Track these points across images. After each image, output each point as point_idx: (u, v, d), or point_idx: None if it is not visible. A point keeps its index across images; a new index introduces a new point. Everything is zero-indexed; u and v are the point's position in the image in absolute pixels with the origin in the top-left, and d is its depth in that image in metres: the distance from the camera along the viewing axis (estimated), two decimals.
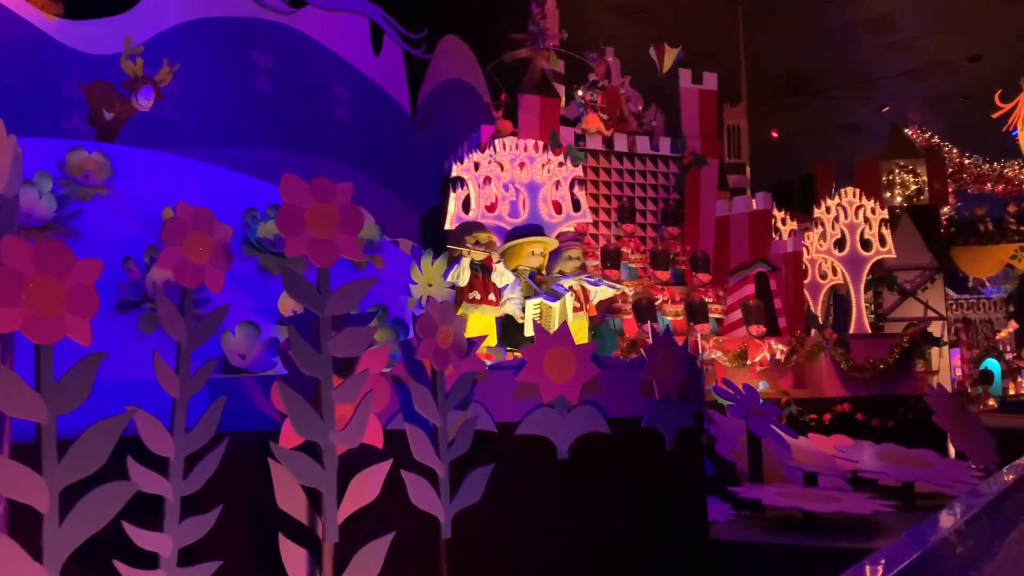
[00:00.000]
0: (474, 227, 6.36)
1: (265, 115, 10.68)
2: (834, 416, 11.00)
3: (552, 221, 8.41)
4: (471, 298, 6.23)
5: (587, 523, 5.40)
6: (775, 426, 8.21)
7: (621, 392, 5.64)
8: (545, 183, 8.43)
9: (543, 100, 12.55)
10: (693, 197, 13.28)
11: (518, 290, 6.43)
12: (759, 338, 11.33)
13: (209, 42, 10.16)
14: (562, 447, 5.31)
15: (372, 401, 4.45)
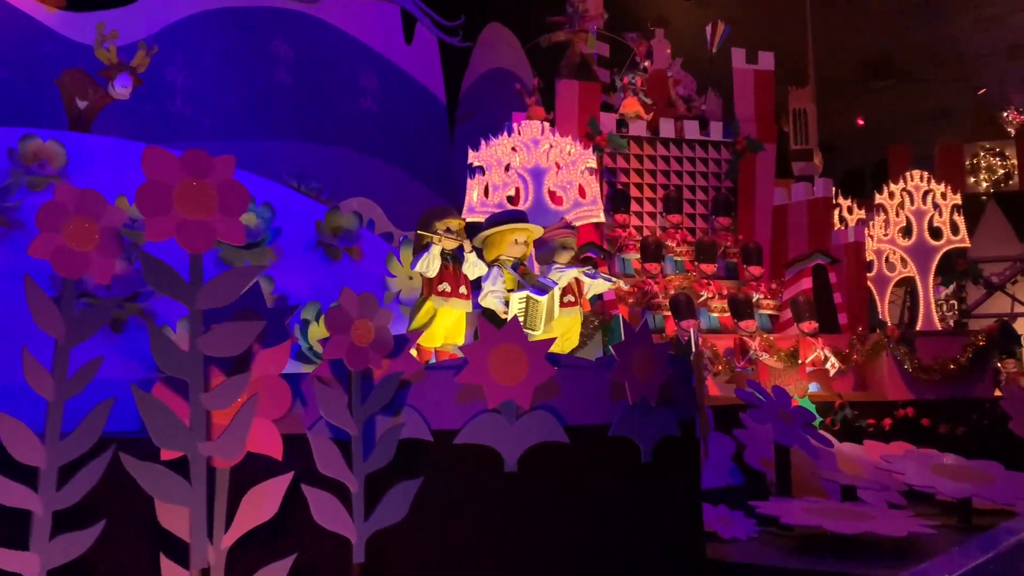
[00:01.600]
0: (445, 212, 5.75)
1: (287, 107, 10.28)
2: (895, 421, 9.97)
3: (558, 210, 7.74)
4: (440, 291, 5.61)
5: (539, 547, 4.72)
6: (807, 433, 7.34)
7: (584, 396, 4.94)
8: (551, 169, 7.77)
9: (582, 85, 11.82)
10: (747, 185, 12.34)
11: (500, 282, 5.77)
12: (811, 336, 10.36)
13: (224, 33, 9.81)
14: (510, 458, 4.65)
15: (256, 407, 3.88)
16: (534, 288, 5.68)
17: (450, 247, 5.68)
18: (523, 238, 5.95)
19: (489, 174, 7.69)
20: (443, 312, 5.54)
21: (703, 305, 10.91)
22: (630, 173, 11.89)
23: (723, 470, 8.07)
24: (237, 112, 9.77)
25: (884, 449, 8.98)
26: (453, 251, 5.69)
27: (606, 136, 11.46)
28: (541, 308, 5.65)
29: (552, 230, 6.24)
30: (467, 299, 5.74)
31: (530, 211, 7.46)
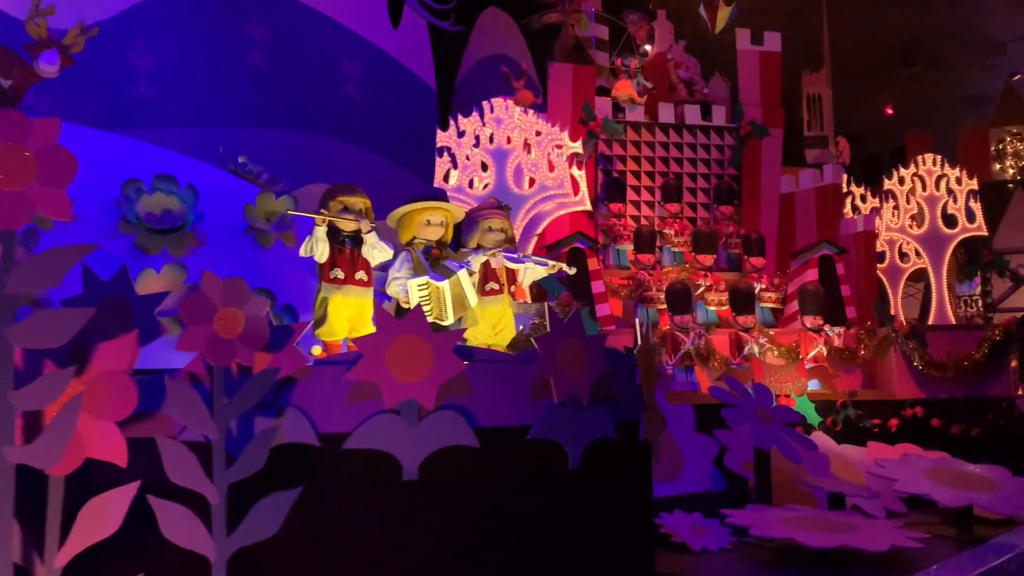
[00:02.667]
0: (344, 189, 5.18)
1: (262, 93, 9.75)
2: (903, 422, 9.21)
3: (521, 194, 7.16)
4: (332, 277, 5.04)
5: (442, 569, 4.12)
6: (789, 435, 6.66)
7: (501, 394, 4.33)
8: (515, 151, 7.18)
9: (576, 68, 11.19)
10: (752, 172, 11.63)
11: (407, 268, 5.19)
12: (814, 330, 9.63)
13: (193, 16, 9.30)
14: (409, 465, 4.05)
15: (80, 406, 3.33)
16: (436, 273, 5.08)
17: (349, 228, 5.11)
18: (439, 219, 5.36)
19: (457, 155, 7.14)
20: (336, 301, 4.97)
21: (700, 298, 10.23)
22: (627, 160, 11.22)
23: (703, 474, 7.42)
24: (206, 97, 9.26)
25: (889, 452, 8.26)
26: (352, 233, 5.12)
27: (601, 122, 10.79)
28: (443, 295, 5.05)
29: (478, 210, 5.65)
30: (367, 286, 5.15)
31: (493, 195, 6.90)
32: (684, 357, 9.24)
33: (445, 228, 5.44)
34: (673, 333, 9.32)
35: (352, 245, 5.14)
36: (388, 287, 5.26)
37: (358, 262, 5.13)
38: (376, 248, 5.15)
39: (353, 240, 5.15)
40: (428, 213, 5.35)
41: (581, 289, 9.67)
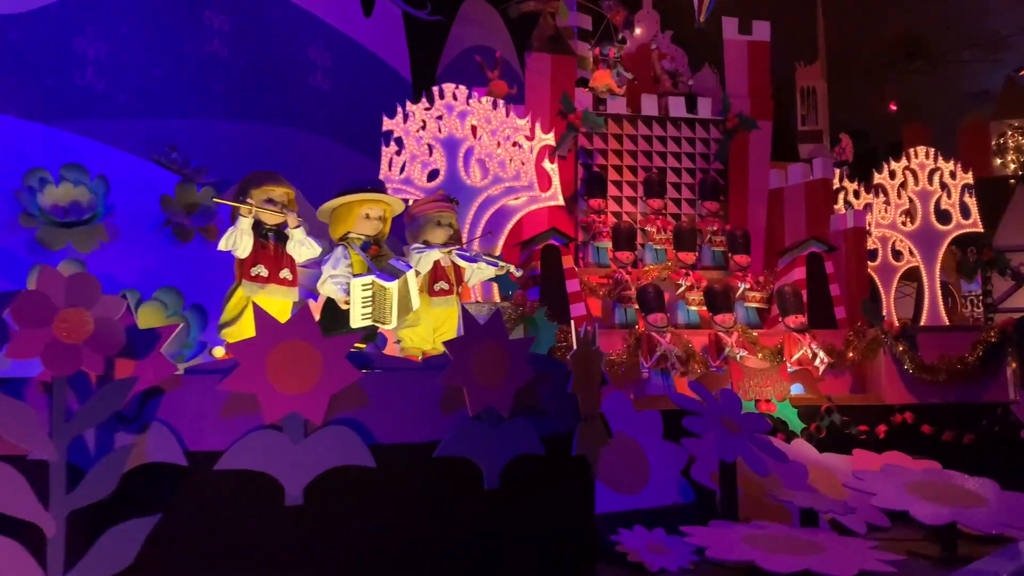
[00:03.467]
0: (267, 178, 4.65)
1: (222, 83, 9.25)
2: (892, 428, 8.61)
3: (473, 185, 6.61)
4: (254, 275, 4.50)
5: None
6: (757, 444, 6.09)
7: (406, 407, 3.78)
8: (467, 139, 6.63)
9: (554, 58, 10.62)
10: (739, 167, 11.02)
11: (344, 265, 4.65)
12: (798, 331, 9.04)
13: (147, 2, 8.81)
14: (293, 488, 3.52)
15: None
16: (382, 272, 4.54)
17: (273, 222, 4.57)
18: (377, 212, 4.81)
19: (405, 142, 6.60)
20: (259, 302, 4.42)
21: (680, 297, 9.66)
22: (608, 154, 10.64)
23: (670, 485, 6.84)
24: (161, 88, 8.77)
25: (875, 460, 7.68)
26: (276, 227, 4.58)
27: (581, 114, 10.20)
28: (390, 296, 4.50)
29: (423, 203, 5.10)
30: (291, 286, 4.62)
31: (443, 186, 6.36)
32: (660, 359, 8.67)
33: (384, 223, 4.90)
34: (648, 334, 8.76)
35: (276, 240, 4.61)
36: (321, 286, 4.71)
37: (283, 259, 4.59)
38: (304, 244, 4.61)
39: (277, 235, 4.62)
40: (367, 206, 4.81)
41: (555, 288, 9.15)
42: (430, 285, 4.89)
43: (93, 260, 5.20)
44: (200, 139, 8.84)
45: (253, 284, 4.47)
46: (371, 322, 4.41)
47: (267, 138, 9.49)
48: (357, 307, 4.40)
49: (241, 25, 9.37)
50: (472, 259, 4.93)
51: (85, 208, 5.26)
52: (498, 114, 6.76)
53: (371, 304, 4.46)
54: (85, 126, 7.96)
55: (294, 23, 9.97)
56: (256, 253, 4.49)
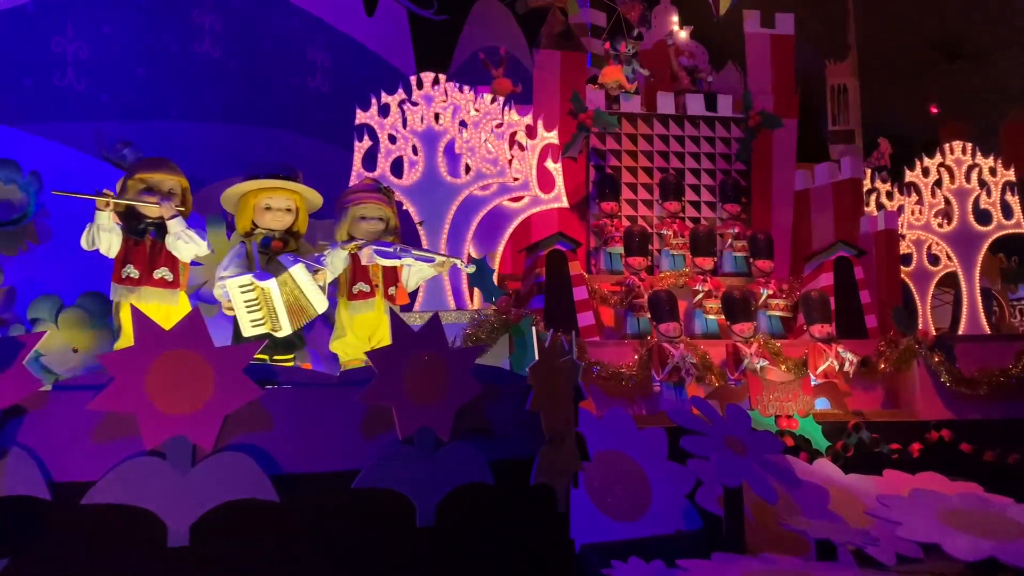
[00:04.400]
0: (151, 164, 4.10)
1: (212, 84, 8.78)
2: (927, 446, 7.81)
3: (454, 182, 6.00)
4: (125, 276, 3.94)
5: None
6: (767, 467, 5.38)
7: (318, 429, 3.17)
8: (447, 132, 6.03)
9: (564, 55, 10.02)
10: (762, 167, 10.30)
11: (236, 264, 4.08)
12: (823, 341, 8.28)
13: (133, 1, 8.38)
14: (177, 526, 2.92)
15: None
16: (260, 272, 3.93)
17: (152, 214, 4.00)
18: (283, 203, 4.23)
19: (380, 136, 6.04)
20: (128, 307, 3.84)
21: (698, 306, 8.95)
22: (622, 155, 9.98)
23: (675, 511, 6.14)
24: (146, 88, 8.32)
25: (908, 482, 6.90)
26: (156, 220, 4.02)
27: (592, 113, 9.57)
28: (270, 298, 3.90)
29: (348, 193, 4.50)
30: (171, 287, 4.03)
31: (421, 183, 5.77)
32: (673, 372, 7.97)
33: (294, 215, 4.30)
34: (660, 345, 8.06)
35: (156, 236, 4.04)
36: (215, 288, 4.14)
37: (159, 257, 4.02)
38: (182, 239, 4.03)
39: (158, 229, 4.05)
40: (267, 195, 4.23)
41: (561, 296, 8.52)
42: (348, 287, 4.30)
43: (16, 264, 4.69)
44: (188, 141, 8.38)
45: (122, 287, 3.90)
46: (266, 329, 3.82)
47: (258, 140, 9.00)
48: (242, 312, 3.82)
49: (233, 24, 8.90)
50: (394, 255, 4.30)
51: (15, 207, 4.75)
52: (482, 105, 6.15)
53: (258, 308, 3.86)
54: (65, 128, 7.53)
55: (291, 22, 9.48)
56: (127, 251, 3.92)
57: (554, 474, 3.77)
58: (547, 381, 3.79)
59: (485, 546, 3.44)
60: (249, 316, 3.84)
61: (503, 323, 5.63)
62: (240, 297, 3.86)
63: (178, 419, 2.91)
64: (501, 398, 3.58)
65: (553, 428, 3.79)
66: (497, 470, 3.48)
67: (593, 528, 5.78)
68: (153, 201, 3.99)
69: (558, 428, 3.83)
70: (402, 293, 4.43)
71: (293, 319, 3.96)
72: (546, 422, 3.75)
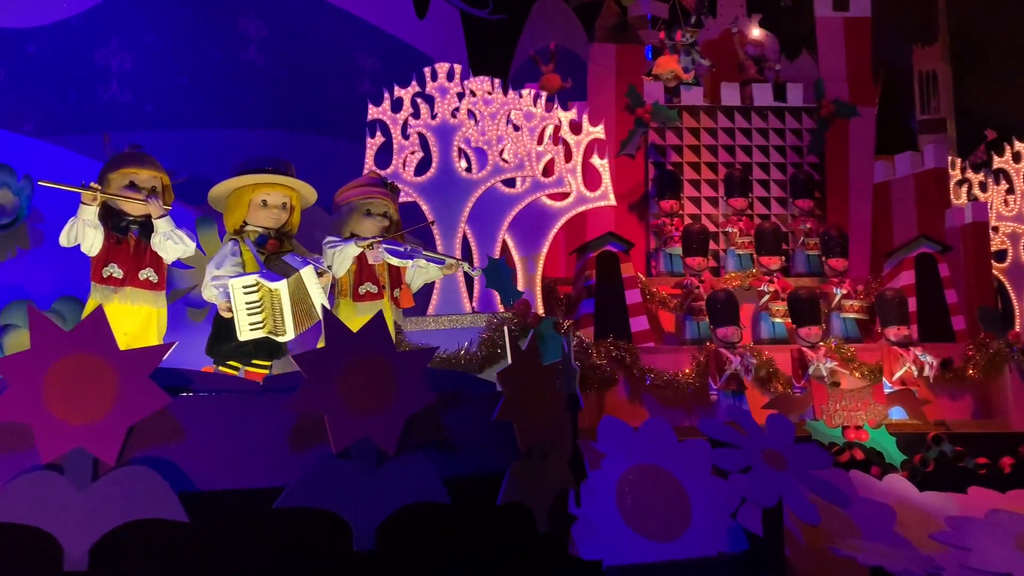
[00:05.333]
0: (132, 160, 3.86)
1: (258, 92, 8.66)
2: (1020, 461, 6.99)
3: (469, 178, 5.64)
4: (106, 276, 3.69)
5: None
6: (811, 484, 4.80)
7: (236, 441, 2.84)
8: (462, 126, 5.68)
9: (619, 48, 9.55)
10: (837, 159, 9.58)
11: (231, 263, 3.78)
12: (900, 344, 7.56)
13: (174, 10, 8.33)
14: (74, 548, 2.63)
15: None
16: (269, 271, 3.62)
17: (136, 212, 3.75)
18: (279, 199, 3.94)
19: (393, 131, 5.74)
20: (111, 309, 3.58)
21: (764, 308, 8.33)
22: (683, 151, 9.42)
23: (718, 531, 5.57)
24: (191, 97, 8.26)
25: (996, 501, 6.16)
26: (141, 219, 3.76)
27: (650, 107, 9.06)
28: (278, 300, 3.58)
29: (348, 188, 4.18)
30: (156, 289, 3.76)
31: (435, 179, 5.44)
32: (730, 379, 7.39)
33: (289, 212, 4.02)
34: (716, 350, 7.50)
35: (140, 235, 3.79)
36: (204, 289, 3.87)
37: (146, 257, 3.77)
38: (171, 239, 3.78)
39: (143, 228, 3.81)
40: (263, 191, 3.96)
41: (612, 300, 8.05)
42: (354, 288, 3.96)
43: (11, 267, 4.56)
44: (231, 149, 8.25)
45: (105, 287, 3.65)
46: (265, 333, 3.51)
47: (305, 148, 8.83)
48: (242, 314, 3.51)
49: (279, 32, 8.76)
50: (406, 255, 3.95)
51: (8, 211, 4.63)
52: (498, 96, 5.78)
53: (259, 310, 3.55)
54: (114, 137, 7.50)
55: (338, 28, 9.30)
56: (108, 250, 3.68)
57: (532, 492, 3.34)
58: (525, 388, 3.36)
59: (437, 572, 3.03)
60: (249, 319, 3.55)
61: (520, 327, 5.22)
62: (243, 298, 3.57)
63: (77, 429, 2.63)
64: (466, 407, 3.18)
65: (531, 440, 3.36)
66: (457, 487, 3.08)
67: (623, 548, 5.27)
68: (140, 198, 3.77)
69: (539, 440, 3.40)
70: (406, 295, 4.10)
71: (298, 323, 3.65)
72: (522, 434, 3.33)
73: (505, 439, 3.26)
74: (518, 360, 3.34)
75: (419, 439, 2.97)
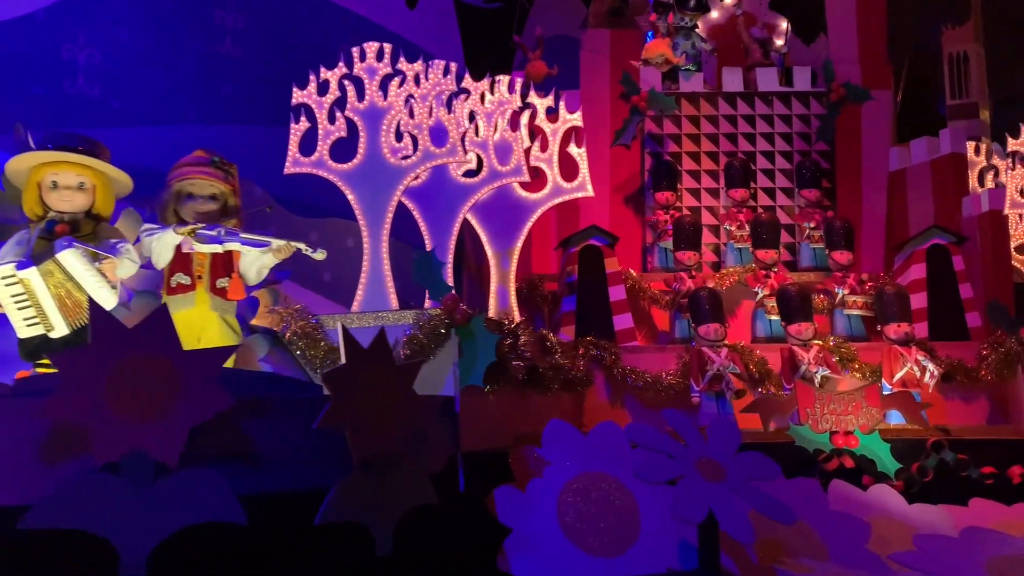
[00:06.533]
0: None
1: (235, 86, 8.39)
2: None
3: (399, 164, 5.22)
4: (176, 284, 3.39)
5: None
6: (752, 499, 4.23)
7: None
8: (392, 108, 5.25)
9: (614, 34, 9.05)
10: (849, 147, 8.91)
11: (13, 253, 3.44)
12: (900, 343, 6.91)
13: (146, 3, 8.08)
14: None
15: None
16: (25, 260, 3.26)
17: None
18: (72, 180, 3.57)
19: (319, 116, 5.36)
20: None
21: (760, 305, 7.74)
22: (682, 140, 8.86)
23: (668, 547, 5.05)
24: (164, 92, 8.00)
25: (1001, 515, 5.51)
26: None
27: (646, 95, 8.52)
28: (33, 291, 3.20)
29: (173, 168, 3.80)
30: None
31: (362, 166, 5.04)
32: (713, 381, 6.84)
33: (90, 195, 3.64)
34: (699, 350, 6.95)
35: None
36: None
37: None
38: None
39: None
40: (52, 170, 3.58)
41: (595, 296, 7.57)
42: (167, 279, 3.57)
43: None
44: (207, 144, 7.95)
45: None
46: (43, 329, 3.14)
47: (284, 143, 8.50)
48: (11, 309, 3.18)
49: (258, 23, 8.45)
50: (214, 240, 3.55)
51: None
52: (435, 71, 5.35)
53: (28, 304, 3.18)
54: None
55: (321, 18, 8.96)
56: None
57: (370, 510, 2.89)
58: (364, 391, 2.92)
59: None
60: (20, 313, 3.21)
61: (447, 324, 4.77)
62: (5, 291, 3.23)
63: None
64: (286, 413, 2.76)
65: (371, 451, 2.92)
66: (271, 505, 2.65)
67: (560, 565, 4.81)
68: None
69: (383, 451, 2.95)
70: (236, 286, 3.70)
71: (68, 316, 3.29)
72: (357, 443, 2.88)
73: (339, 450, 2.82)
74: (353, 359, 2.90)
75: (212, 451, 2.55)
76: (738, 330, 7.78)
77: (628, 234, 8.61)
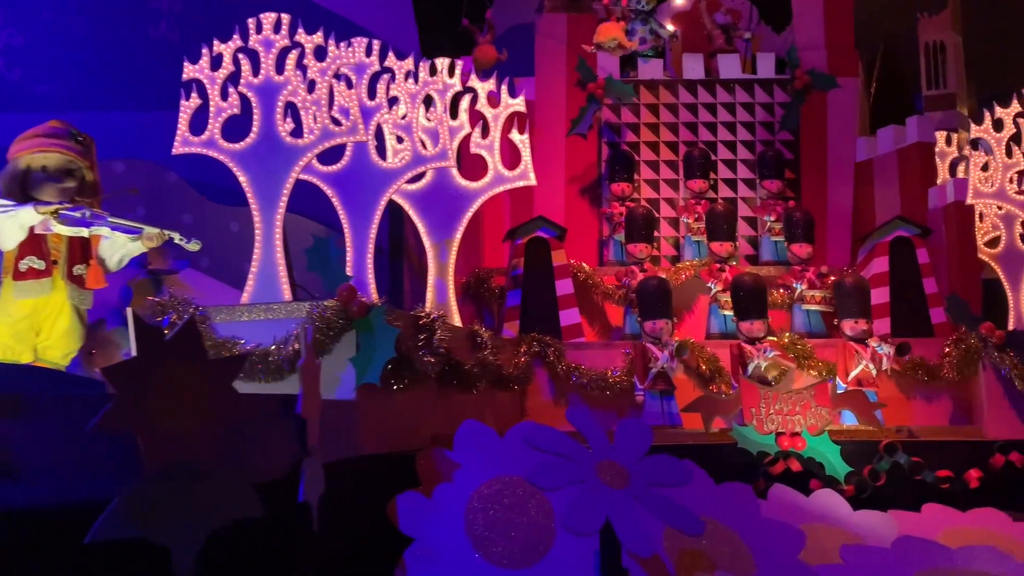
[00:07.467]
0: None
1: (170, 71, 7.95)
2: (989, 474, 5.83)
3: (294, 144, 4.79)
4: None
5: None
6: (655, 506, 3.78)
7: None
8: (288, 84, 4.83)
9: (571, 18, 8.61)
10: (814, 136, 8.45)
11: None
12: (856, 340, 6.46)
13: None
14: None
15: None
16: None
17: None
18: None
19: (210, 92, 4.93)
20: None
21: (714, 300, 7.29)
22: (640, 129, 8.42)
23: (584, 557, 4.61)
24: (91, 77, 7.59)
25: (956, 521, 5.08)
26: None
27: (603, 82, 8.08)
28: None
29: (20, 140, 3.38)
30: None
31: (255, 145, 4.61)
32: (657, 379, 6.39)
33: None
34: (645, 347, 6.50)
35: None
36: None
37: None
38: None
39: None
40: None
41: (541, 290, 7.14)
42: (14, 262, 3.15)
43: None
44: (144, 131, 7.57)
45: None
46: None
47: None
48: None
49: (193, 5, 8.02)
50: (79, 222, 3.12)
51: None
52: (338, 46, 4.92)
53: None
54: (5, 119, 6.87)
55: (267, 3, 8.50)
56: None
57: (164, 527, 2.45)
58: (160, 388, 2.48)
59: None
60: None
61: (344, 317, 4.34)
62: None
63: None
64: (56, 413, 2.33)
65: (168, 458, 2.48)
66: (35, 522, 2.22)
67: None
68: None
69: (186, 458, 2.52)
70: (95, 273, 3.29)
71: None
72: (151, 449, 2.45)
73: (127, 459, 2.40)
74: (147, 351, 2.47)
75: None
76: (693, 326, 7.36)
77: (584, 227, 8.20)
